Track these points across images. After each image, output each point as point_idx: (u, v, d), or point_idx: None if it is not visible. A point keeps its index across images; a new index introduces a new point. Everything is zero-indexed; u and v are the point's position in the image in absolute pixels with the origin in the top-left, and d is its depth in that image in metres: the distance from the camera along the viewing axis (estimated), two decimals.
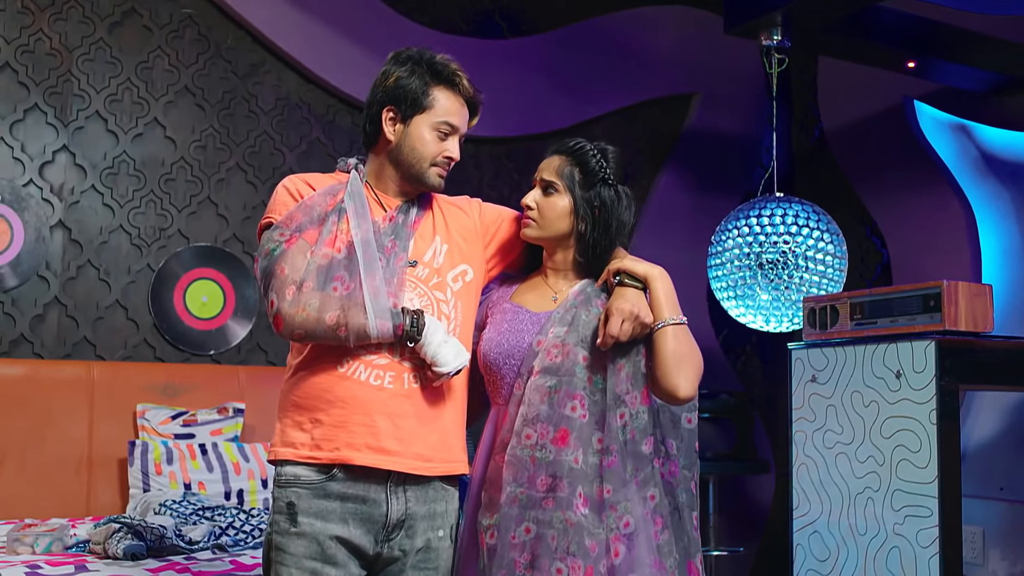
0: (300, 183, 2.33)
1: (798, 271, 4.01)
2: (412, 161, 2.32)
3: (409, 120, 2.31)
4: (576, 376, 2.25)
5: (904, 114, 5.15)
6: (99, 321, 4.44)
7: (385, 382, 2.22)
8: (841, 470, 3.56)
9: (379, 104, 2.33)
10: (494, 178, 5.37)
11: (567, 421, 2.22)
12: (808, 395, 3.69)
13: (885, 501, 3.39)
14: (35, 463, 4.02)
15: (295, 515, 2.20)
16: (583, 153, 2.38)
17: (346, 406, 2.21)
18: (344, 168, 2.39)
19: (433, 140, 2.31)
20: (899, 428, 3.37)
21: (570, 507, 2.17)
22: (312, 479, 2.22)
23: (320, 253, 2.21)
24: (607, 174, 2.37)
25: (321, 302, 2.16)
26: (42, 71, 4.42)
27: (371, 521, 2.22)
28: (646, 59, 5.67)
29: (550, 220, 2.38)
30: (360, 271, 2.21)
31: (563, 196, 2.37)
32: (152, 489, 3.95)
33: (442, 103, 2.32)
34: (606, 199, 2.36)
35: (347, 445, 2.20)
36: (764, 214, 4.10)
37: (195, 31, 4.74)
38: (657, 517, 2.23)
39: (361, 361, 2.22)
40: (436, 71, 2.33)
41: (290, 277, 2.18)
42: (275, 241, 2.21)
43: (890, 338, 3.43)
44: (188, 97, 4.70)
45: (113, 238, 4.50)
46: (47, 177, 4.41)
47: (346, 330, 2.16)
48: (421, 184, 2.35)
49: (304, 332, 2.17)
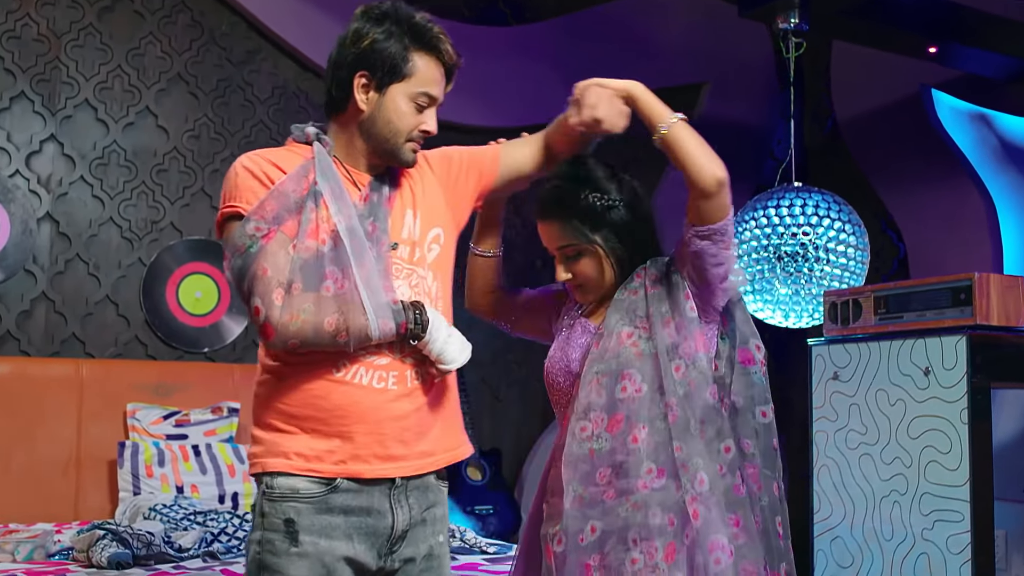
0: (264, 163, 2.03)
1: (818, 264, 3.86)
2: (387, 135, 2.07)
3: (385, 89, 2.05)
4: (622, 355, 2.13)
5: (921, 103, 5.05)
6: (88, 317, 4.34)
7: (389, 383, 2.03)
8: (865, 472, 3.43)
9: (350, 67, 2.06)
10: None
11: (620, 404, 2.11)
12: (829, 393, 3.56)
13: (913, 505, 3.26)
14: (21, 465, 3.93)
15: (295, 533, 1.96)
16: (563, 203, 2.23)
17: (348, 415, 2.00)
18: (302, 138, 2.10)
19: (411, 112, 2.06)
20: (928, 428, 3.27)
21: (633, 490, 2.06)
22: (313, 492, 1.99)
23: (303, 247, 1.96)
24: (601, 199, 2.22)
25: (316, 306, 1.94)
26: (29, 57, 4.31)
27: (376, 535, 2.03)
28: (654, 48, 5.56)
29: (594, 280, 2.25)
30: (351, 264, 1.99)
31: (587, 253, 2.24)
32: (143, 492, 3.85)
33: (422, 71, 2.06)
34: (619, 222, 2.23)
35: (353, 458, 2.00)
36: (783, 205, 3.95)
37: (188, 16, 4.62)
38: (736, 471, 2.09)
39: (361, 363, 2.01)
40: (417, 34, 2.06)
41: (275, 278, 1.93)
42: (250, 236, 1.95)
43: (918, 333, 3.33)
44: (181, 85, 4.58)
45: (103, 231, 4.39)
46: (34, 168, 4.30)
47: (347, 335, 1.95)
48: (393, 159, 2.11)
49: (300, 341, 1.94)
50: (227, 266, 1.98)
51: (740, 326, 2.20)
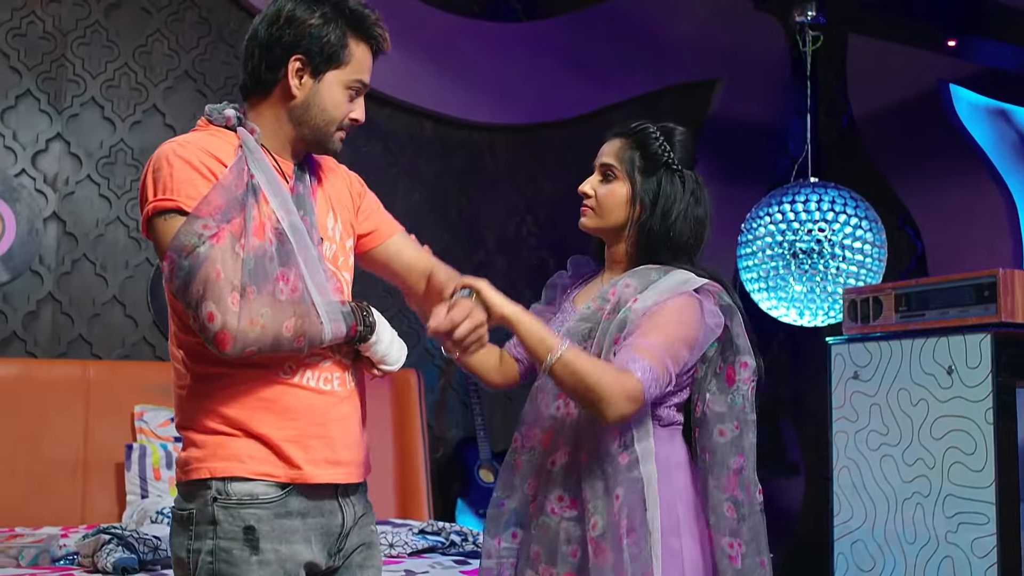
0: (200, 153, 1.88)
1: (834, 261, 3.79)
2: (320, 123, 1.97)
3: (321, 75, 1.95)
4: None
5: (938, 98, 4.98)
6: (95, 318, 4.29)
7: (334, 385, 1.97)
8: (887, 473, 3.37)
9: (285, 49, 1.94)
10: (509, 168, 5.20)
11: (552, 421, 2.13)
12: (849, 393, 3.50)
13: (936, 507, 3.20)
14: (27, 468, 3.88)
15: (256, 541, 1.87)
16: (644, 135, 2.20)
17: (298, 418, 1.92)
18: (220, 121, 1.96)
19: (344, 100, 1.98)
20: (951, 428, 3.21)
21: (544, 511, 2.10)
22: (272, 496, 1.90)
23: (251, 246, 1.84)
24: (670, 159, 2.18)
25: (273, 310, 1.83)
26: (35, 55, 4.26)
27: (328, 534, 1.97)
28: (666, 44, 5.51)
29: (608, 209, 2.20)
30: (300, 263, 1.91)
31: (622, 183, 2.19)
32: (150, 495, 3.81)
33: (359, 58, 1.98)
34: (666, 187, 2.16)
35: (308, 462, 1.92)
36: (798, 200, 3.89)
37: (196, 13, 4.57)
38: (623, 520, 2.02)
39: (307, 365, 1.94)
40: (356, 21, 1.97)
41: (228, 281, 1.79)
42: (197, 235, 1.79)
43: (940, 331, 3.28)
44: (189, 83, 4.53)
45: (110, 231, 4.33)
46: (40, 167, 4.25)
47: (304, 339, 1.87)
48: (321, 148, 2.02)
49: (258, 348, 1.82)
50: (168, 267, 1.81)
51: (735, 339, 2.11)
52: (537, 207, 5.23)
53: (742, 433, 2.10)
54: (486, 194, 5.13)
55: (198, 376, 1.92)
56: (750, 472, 2.10)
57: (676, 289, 2.06)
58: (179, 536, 1.92)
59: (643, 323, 2.02)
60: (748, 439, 2.10)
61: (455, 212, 5.05)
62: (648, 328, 2.01)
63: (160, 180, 1.85)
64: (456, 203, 5.06)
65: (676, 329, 2.02)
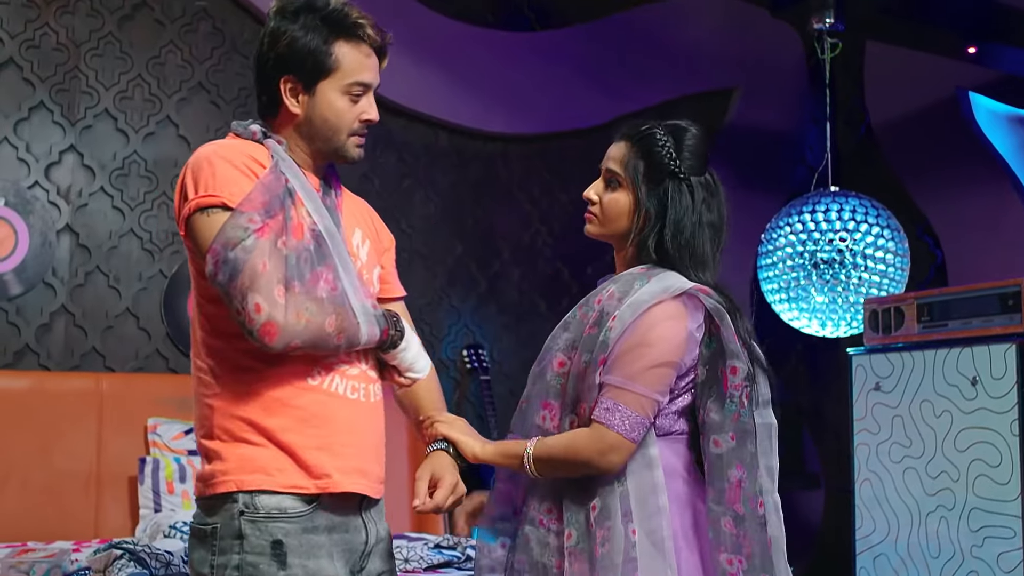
0: (241, 155, 1.90)
1: (856, 271, 3.74)
2: (327, 135, 1.97)
3: (313, 88, 1.94)
4: (548, 382, 2.07)
5: (957, 106, 4.94)
6: (108, 331, 4.27)
7: (361, 395, 1.97)
8: (910, 486, 3.33)
9: (272, 72, 1.95)
10: (523, 178, 5.17)
11: (537, 430, 2.07)
12: (871, 405, 3.46)
13: (961, 521, 3.16)
14: (40, 481, 3.86)
15: (283, 556, 1.85)
16: (650, 142, 2.09)
17: (327, 424, 1.91)
18: (246, 135, 1.97)
19: (347, 107, 1.97)
20: (976, 440, 3.17)
21: (529, 521, 2.06)
22: (300, 511, 1.89)
23: (291, 245, 1.86)
24: (676, 167, 2.08)
25: (317, 306, 1.85)
26: (48, 67, 4.25)
27: (352, 551, 1.96)
28: (683, 52, 5.48)
29: (611, 217, 2.13)
30: (335, 265, 1.91)
31: (626, 191, 2.11)
32: (163, 509, 3.78)
33: (349, 60, 1.95)
34: (674, 197, 2.07)
35: (337, 470, 1.90)
36: (819, 210, 3.85)
37: (209, 24, 4.56)
38: (600, 530, 1.98)
39: (335, 371, 1.93)
40: (335, 23, 1.94)
41: (274, 275, 1.81)
42: (243, 228, 1.81)
43: (964, 341, 3.24)
44: (202, 94, 4.51)
45: (123, 243, 4.32)
46: (53, 179, 4.24)
47: (343, 337, 1.88)
48: (338, 157, 2.02)
49: (302, 342, 1.84)
50: (213, 261, 1.80)
51: (725, 344, 2.01)
52: (552, 217, 5.20)
53: (740, 444, 2.00)
54: (501, 204, 5.10)
55: (226, 383, 1.91)
56: (750, 484, 2.00)
57: (658, 296, 1.99)
58: (200, 551, 1.90)
59: (621, 350, 1.97)
60: (748, 449, 2.01)
61: (470, 222, 5.02)
62: (628, 358, 1.96)
63: (202, 178, 1.87)
64: (471, 213, 5.03)
65: (657, 353, 1.97)
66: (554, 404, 2.06)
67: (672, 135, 2.10)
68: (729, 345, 2.01)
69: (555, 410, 2.05)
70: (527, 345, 5.03)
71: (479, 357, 4.76)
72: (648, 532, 1.96)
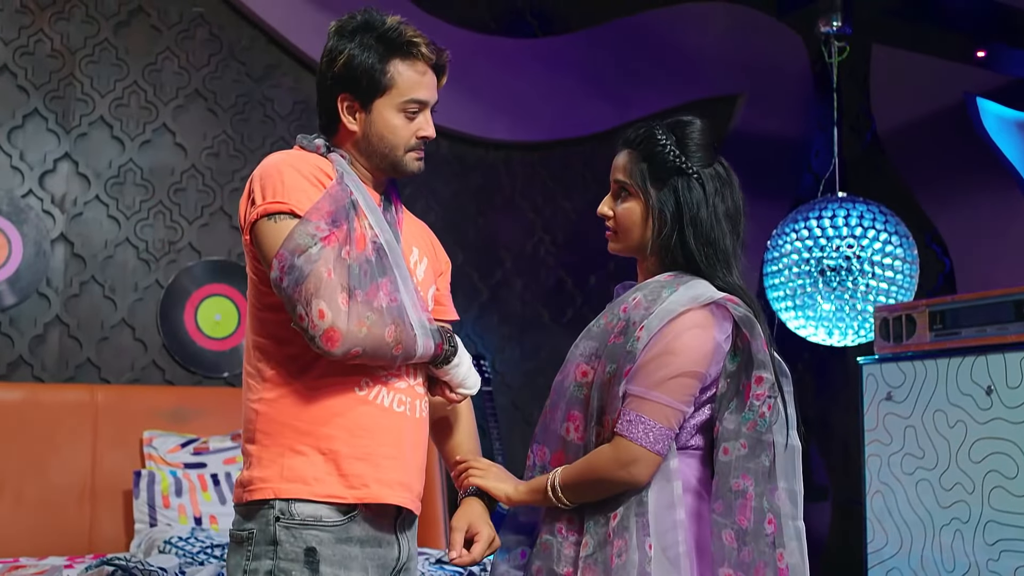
0: (309, 165, 1.97)
1: (864, 278, 3.67)
2: (385, 151, 2.03)
3: (370, 106, 2.00)
4: (571, 392, 2.03)
5: (965, 112, 4.89)
6: (104, 342, 4.22)
7: (407, 409, 2.00)
8: (923, 499, 3.26)
9: (330, 91, 2.01)
10: (526, 186, 5.11)
11: (561, 442, 2.04)
12: (883, 415, 3.39)
13: (976, 534, 3.09)
14: (34, 495, 3.82)
15: (316, 563, 1.88)
16: (650, 143, 2.04)
17: (371, 436, 1.94)
18: (311, 148, 2.04)
19: (403, 124, 2.02)
20: (991, 451, 3.11)
21: (549, 530, 2.03)
22: (336, 520, 1.91)
23: (354, 256, 1.90)
24: (681, 162, 2.01)
25: (378, 315, 1.88)
26: (43, 74, 4.20)
27: (384, 567, 1.98)
28: (687, 58, 5.43)
29: (626, 229, 2.07)
30: (395, 278, 1.94)
31: (636, 200, 2.05)
32: (159, 524, 3.73)
33: (405, 78, 2.00)
34: (685, 195, 2.00)
35: (377, 481, 1.93)
36: (825, 216, 3.78)
37: (206, 31, 4.51)
38: (617, 540, 1.92)
39: (383, 384, 1.97)
40: (390, 41, 1.99)
41: (339, 283, 1.85)
42: (311, 236, 1.85)
43: (978, 350, 3.18)
44: (199, 101, 4.47)
45: (119, 252, 4.27)
46: (48, 187, 4.19)
47: (401, 348, 1.91)
48: (397, 172, 2.07)
49: (362, 350, 1.86)
50: (279, 267, 1.84)
51: (753, 354, 1.95)
52: (555, 226, 5.13)
53: (752, 454, 1.93)
54: (503, 213, 5.04)
55: (273, 388, 1.95)
56: (759, 499, 1.93)
57: (686, 305, 1.93)
58: (235, 556, 1.94)
59: (645, 359, 1.92)
60: (761, 462, 1.93)
61: (472, 231, 4.96)
62: (651, 367, 1.91)
63: (270, 186, 1.92)
64: (473, 222, 4.97)
65: (682, 361, 1.91)
66: (578, 415, 2.01)
67: (673, 132, 2.05)
68: (758, 355, 1.95)
69: (580, 421, 2.01)
70: (530, 356, 4.96)
71: (481, 368, 4.70)
72: (664, 548, 1.91)
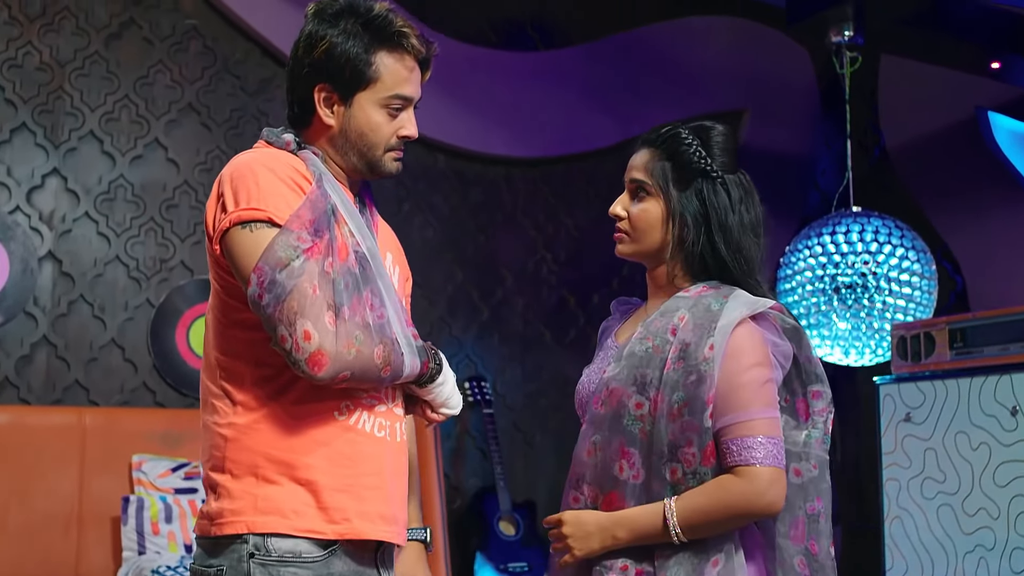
0: (285, 166, 1.78)
1: (880, 295, 3.56)
2: (363, 149, 1.86)
3: (350, 99, 1.83)
4: (624, 427, 1.86)
5: (976, 126, 4.82)
6: (92, 363, 4.14)
7: (387, 434, 1.84)
8: (945, 525, 3.18)
9: (307, 80, 1.84)
10: (527, 203, 5.03)
11: (616, 484, 1.87)
12: (901, 437, 3.31)
13: (1003, 561, 3.04)
14: (18, 521, 3.74)
15: None
16: (675, 142, 1.94)
17: (353, 465, 1.78)
18: (279, 144, 1.85)
19: (385, 121, 1.86)
20: (1017, 475, 3.03)
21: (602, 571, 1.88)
22: (315, 556, 1.75)
23: (337, 268, 1.74)
24: (707, 165, 1.92)
25: (365, 334, 1.72)
26: (31, 87, 4.13)
27: None
28: (690, 73, 5.37)
29: (642, 231, 1.95)
30: (380, 290, 1.78)
31: (656, 200, 1.94)
32: (148, 551, 3.63)
33: (391, 72, 1.84)
34: (711, 199, 1.91)
35: (359, 515, 1.77)
36: (839, 231, 3.68)
37: (200, 44, 4.44)
38: None
39: (362, 407, 1.80)
40: (378, 31, 1.83)
41: (324, 300, 1.68)
42: (294, 248, 1.68)
43: (1001, 368, 3.10)
44: (192, 116, 4.39)
45: (109, 271, 4.19)
46: (36, 204, 4.11)
47: (390, 369, 1.75)
48: (374, 173, 1.90)
49: (351, 374, 1.71)
50: (258, 281, 1.67)
51: (803, 365, 1.88)
52: (556, 244, 5.03)
53: (821, 474, 1.85)
54: (503, 230, 4.94)
55: (244, 412, 1.78)
56: (826, 521, 1.84)
57: (741, 315, 1.83)
58: None
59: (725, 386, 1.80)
60: (827, 481, 1.86)
61: (471, 248, 4.86)
62: (734, 387, 1.80)
63: (243, 189, 1.74)
64: (472, 239, 4.87)
65: (758, 371, 1.82)
66: (633, 451, 1.85)
67: (697, 134, 1.94)
68: (809, 367, 1.89)
69: (636, 459, 1.85)
70: (532, 377, 4.86)
71: (481, 389, 4.59)
72: None
